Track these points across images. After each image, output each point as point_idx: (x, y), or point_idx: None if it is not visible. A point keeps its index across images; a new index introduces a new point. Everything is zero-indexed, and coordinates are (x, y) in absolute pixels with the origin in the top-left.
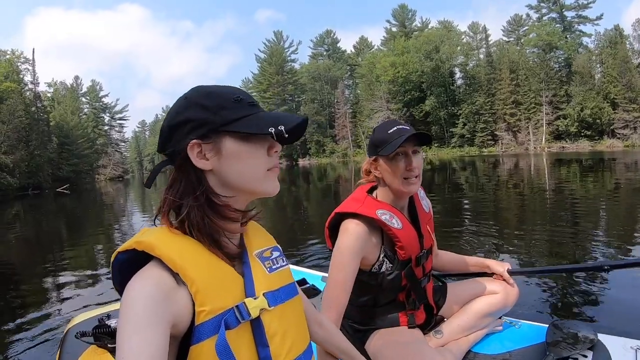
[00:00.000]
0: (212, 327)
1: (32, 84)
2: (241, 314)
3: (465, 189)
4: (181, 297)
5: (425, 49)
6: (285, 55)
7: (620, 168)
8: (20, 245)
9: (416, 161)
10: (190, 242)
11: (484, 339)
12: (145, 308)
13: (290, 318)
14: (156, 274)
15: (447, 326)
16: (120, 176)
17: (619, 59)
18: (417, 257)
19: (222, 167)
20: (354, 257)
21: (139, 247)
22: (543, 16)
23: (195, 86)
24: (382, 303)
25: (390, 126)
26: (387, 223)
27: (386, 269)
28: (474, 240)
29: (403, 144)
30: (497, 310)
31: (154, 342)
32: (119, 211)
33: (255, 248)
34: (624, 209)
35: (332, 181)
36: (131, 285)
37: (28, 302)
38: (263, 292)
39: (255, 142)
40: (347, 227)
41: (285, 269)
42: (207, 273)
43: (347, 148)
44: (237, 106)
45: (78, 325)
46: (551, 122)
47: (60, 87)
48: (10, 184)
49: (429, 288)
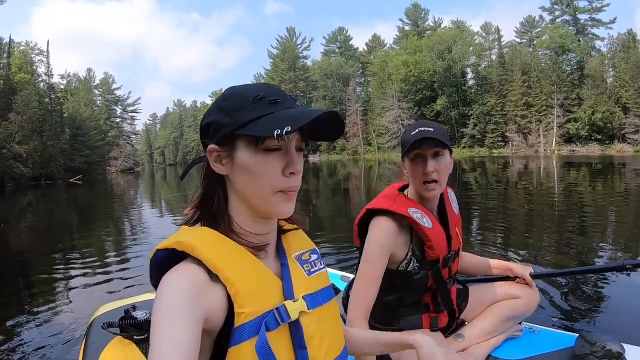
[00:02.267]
0: (252, 329)
1: (46, 76)
2: (281, 316)
3: (475, 189)
4: (215, 294)
5: (438, 48)
6: (298, 52)
7: (630, 173)
8: (35, 235)
9: (433, 165)
10: (228, 244)
11: (503, 343)
12: (179, 300)
13: (327, 321)
14: (191, 269)
15: (468, 330)
16: (130, 168)
17: (631, 63)
18: (445, 258)
19: (234, 177)
20: (384, 253)
21: (179, 248)
22: (556, 18)
23: (228, 87)
24: (406, 303)
25: (415, 127)
26: (418, 221)
27: (413, 267)
28: (487, 242)
29: (421, 147)
30: (519, 314)
31: (186, 332)
32: (133, 203)
33: (294, 251)
34: (636, 212)
35: (342, 178)
36: (166, 279)
37: (47, 291)
38: (302, 294)
39: (270, 156)
40: (377, 223)
41: (323, 271)
42: (246, 275)
43: (358, 145)
44: (255, 105)
45: (103, 315)
46: (562, 124)
47: (74, 79)
48: (23, 173)
49: (453, 291)
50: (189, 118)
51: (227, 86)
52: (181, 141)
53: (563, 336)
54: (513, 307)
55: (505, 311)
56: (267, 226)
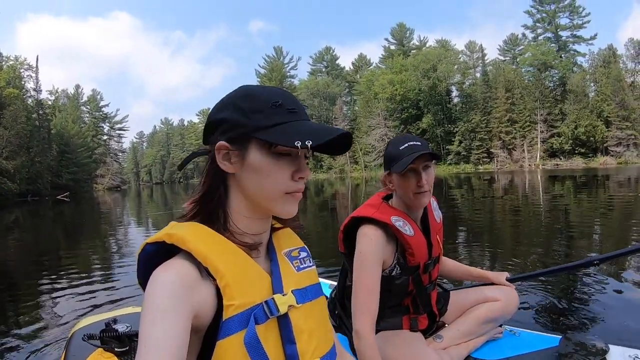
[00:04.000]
0: (241, 322)
1: (35, 91)
2: (270, 310)
3: (460, 203)
4: (205, 290)
5: (423, 67)
6: (285, 71)
7: (613, 184)
8: (21, 250)
9: (426, 176)
10: (219, 238)
11: (483, 345)
12: (167, 296)
13: (316, 317)
14: (181, 264)
15: (448, 331)
16: (117, 186)
17: (612, 78)
18: (425, 264)
19: (243, 176)
20: (378, 262)
21: (169, 240)
22: (538, 36)
23: (242, 85)
24: (388, 306)
25: (402, 142)
26: (400, 229)
27: (396, 273)
28: (470, 252)
29: (413, 161)
30: (498, 316)
31: (175, 329)
32: (119, 220)
33: (284, 247)
34: (617, 221)
35: (329, 197)
36: (156, 275)
37: (30, 305)
38: (291, 289)
39: (281, 160)
40: (365, 232)
41: (312, 269)
42: (236, 268)
43: (345, 164)
44: (274, 111)
45: (84, 328)
46: (546, 139)
47: (62, 95)
48: (10, 189)
49: (433, 295)
50: (176, 137)
51: (212, 105)
52: (168, 159)
53: (542, 337)
54: (492, 309)
55: (484, 313)
56: (264, 226)
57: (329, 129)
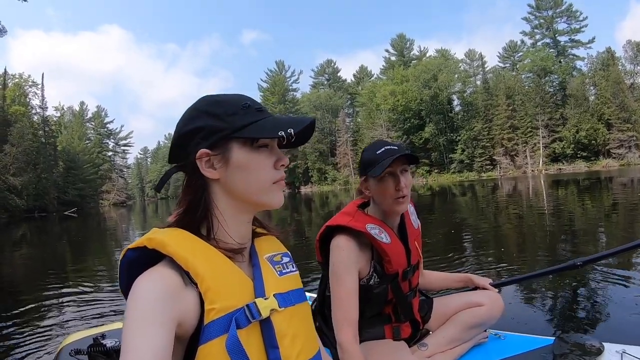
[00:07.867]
0: (222, 326)
1: (41, 108)
2: (251, 313)
3: (464, 211)
4: (188, 297)
5: (424, 77)
6: (287, 85)
7: (617, 186)
8: (25, 266)
9: (404, 180)
10: (200, 243)
11: (469, 351)
12: (150, 305)
13: (299, 321)
14: (163, 272)
15: (432, 339)
16: (123, 202)
17: (611, 80)
18: (404, 271)
19: (229, 177)
20: (351, 271)
21: (150, 245)
22: (537, 42)
23: (203, 96)
24: (368, 315)
25: (378, 147)
26: (376, 237)
27: (374, 282)
28: (471, 261)
29: (391, 165)
30: (483, 321)
31: (158, 339)
32: (125, 236)
33: (266, 252)
34: (621, 223)
35: (334, 208)
36: (138, 283)
37: (24, 319)
38: (273, 293)
39: (263, 152)
40: (338, 243)
41: (295, 274)
42: (217, 272)
43: (349, 175)
44: (245, 112)
45: (73, 343)
46: (548, 145)
47: (67, 112)
48: (18, 205)
49: (415, 303)
50: None
51: None
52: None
53: (529, 339)
54: (476, 314)
55: (468, 319)
56: (247, 230)
57: (301, 118)
